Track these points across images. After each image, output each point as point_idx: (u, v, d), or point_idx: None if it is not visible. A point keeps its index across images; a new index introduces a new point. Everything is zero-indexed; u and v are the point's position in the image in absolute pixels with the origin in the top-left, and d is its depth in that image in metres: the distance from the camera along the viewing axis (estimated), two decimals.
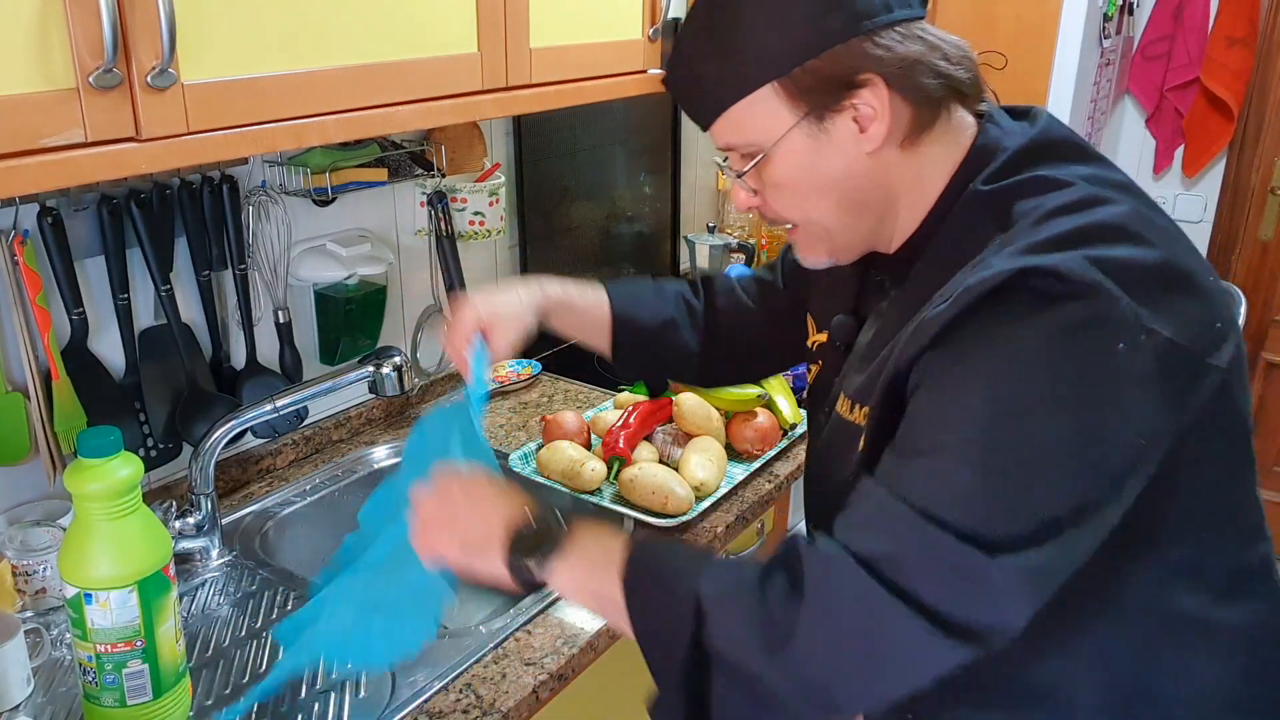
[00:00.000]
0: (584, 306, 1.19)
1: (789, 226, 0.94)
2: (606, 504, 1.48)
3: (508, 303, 1.11)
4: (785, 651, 0.76)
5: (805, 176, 0.88)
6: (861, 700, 0.79)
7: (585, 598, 0.89)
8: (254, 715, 1.09)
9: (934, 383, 0.78)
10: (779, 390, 1.71)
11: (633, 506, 1.46)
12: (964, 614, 0.74)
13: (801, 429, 1.68)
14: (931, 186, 0.89)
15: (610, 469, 1.51)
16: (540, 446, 1.61)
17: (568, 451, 1.53)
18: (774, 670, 0.77)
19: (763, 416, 1.63)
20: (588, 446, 1.60)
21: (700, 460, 1.51)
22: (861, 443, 0.87)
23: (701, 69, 0.89)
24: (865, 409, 0.90)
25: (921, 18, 0.87)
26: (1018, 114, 0.92)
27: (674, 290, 1.25)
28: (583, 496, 1.50)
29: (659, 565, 0.85)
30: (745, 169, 0.90)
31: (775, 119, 0.86)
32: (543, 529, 0.89)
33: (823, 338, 1.07)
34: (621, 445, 1.53)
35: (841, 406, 0.95)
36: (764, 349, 1.26)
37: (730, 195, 2.48)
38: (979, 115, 0.90)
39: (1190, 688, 0.86)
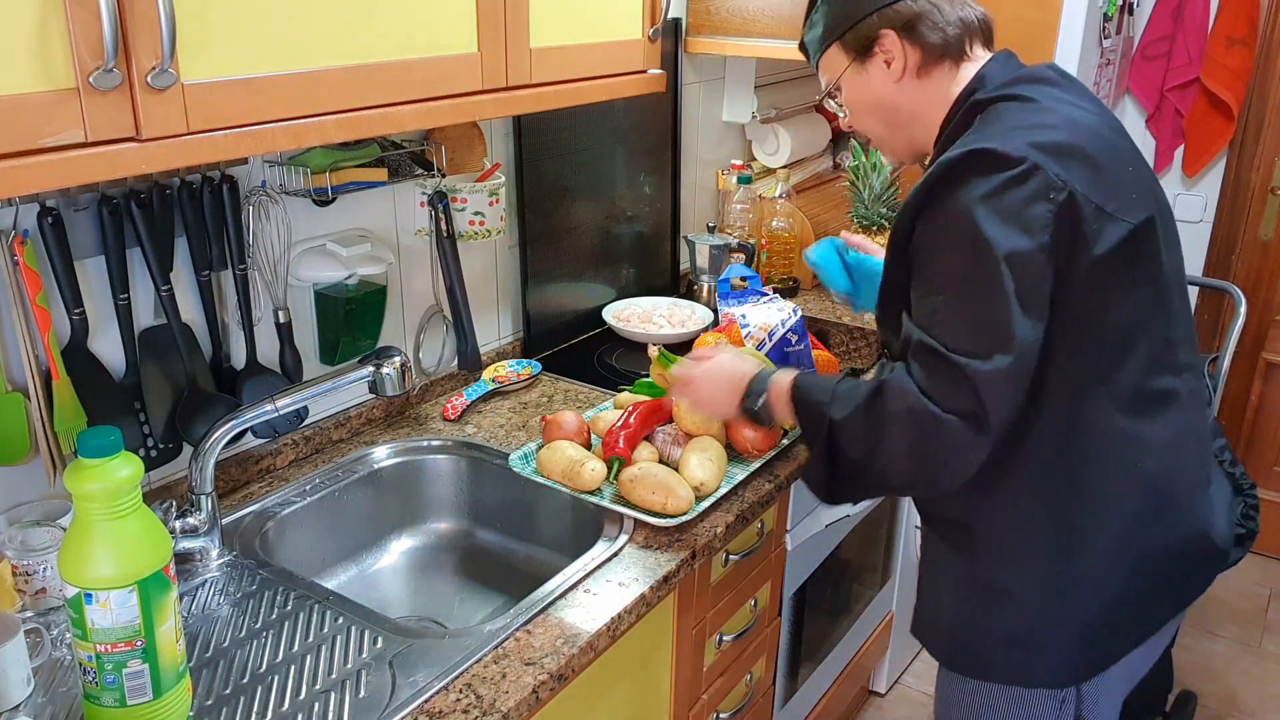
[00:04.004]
0: None
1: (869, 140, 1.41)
2: (606, 504, 1.48)
3: None
4: (878, 445, 1.19)
5: (859, 101, 1.34)
6: (918, 482, 1.22)
7: (786, 421, 1.38)
8: (254, 715, 1.09)
9: (918, 243, 1.18)
10: None
11: (633, 506, 1.46)
12: (964, 406, 1.10)
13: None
14: (945, 104, 1.28)
15: (610, 469, 1.51)
16: (540, 446, 1.61)
17: (568, 451, 1.53)
18: (872, 455, 1.20)
19: None
20: (588, 446, 1.60)
21: (700, 460, 1.51)
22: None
23: (807, 35, 1.37)
24: None
25: None
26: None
27: None
28: (583, 496, 1.50)
29: (805, 398, 1.29)
30: (836, 98, 1.37)
31: (839, 64, 1.33)
32: (753, 400, 1.37)
33: None
34: (621, 445, 1.53)
35: None
36: None
37: (730, 195, 2.49)
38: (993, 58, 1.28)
39: (1102, 491, 1.19)
